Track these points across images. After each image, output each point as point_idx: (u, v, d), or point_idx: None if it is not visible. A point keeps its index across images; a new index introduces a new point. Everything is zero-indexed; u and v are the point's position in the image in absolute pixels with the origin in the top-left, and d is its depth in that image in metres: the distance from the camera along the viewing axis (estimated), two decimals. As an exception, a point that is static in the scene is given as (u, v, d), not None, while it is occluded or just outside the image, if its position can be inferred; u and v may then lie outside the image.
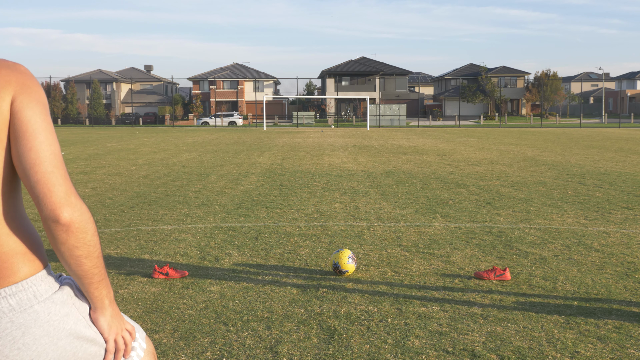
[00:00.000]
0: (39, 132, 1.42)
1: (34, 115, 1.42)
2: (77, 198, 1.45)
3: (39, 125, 1.42)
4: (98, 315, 1.58)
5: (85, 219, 1.45)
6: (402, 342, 3.99)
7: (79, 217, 1.43)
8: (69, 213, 1.41)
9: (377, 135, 36.60)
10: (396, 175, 13.87)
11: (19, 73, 1.48)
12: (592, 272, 5.65)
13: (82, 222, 1.44)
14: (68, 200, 1.41)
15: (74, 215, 1.42)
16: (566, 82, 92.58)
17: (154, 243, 6.88)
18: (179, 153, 21.63)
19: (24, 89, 1.45)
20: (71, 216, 1.42)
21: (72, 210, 1.42)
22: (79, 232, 1.44)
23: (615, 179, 12.98)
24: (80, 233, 1.44)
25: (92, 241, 1.48)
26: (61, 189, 1.41)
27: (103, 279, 1.55)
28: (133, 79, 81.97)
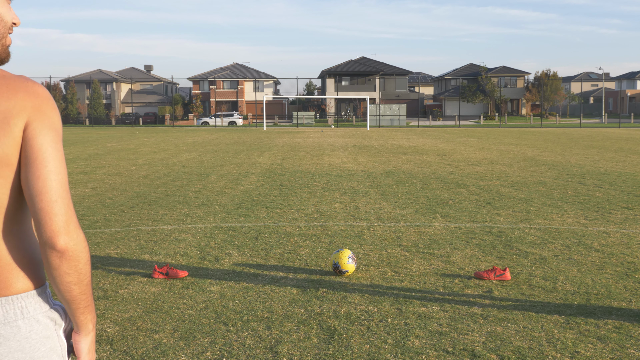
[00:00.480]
0: (48, 161, 1.45)
1: (45, 143, 1.45)
2: (76, 227, 1.49)
3: (49, 154, 1.45)
4: (81, 338, 1.61)
5: (79, 249, 1.49)
6: (402, 342, 3.99)
7: (73, 246, 1.47)
8: (64, 241, 1.45)
9: (377, 135, 36.60)
10: (396, 175, 13.87)
11: (36, 97, 1.48)
12: (592, 272, 5.65)
13: (76, 250, 1.48)
14: (66, 229, 1.46)
15: (70, 243, 1.46)
16: (566, 82, 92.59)
17: (154, 243, 6.88)
18: (179, 153, 21.63)
19: (39, 114, 1.47)
20: (67, 244, 1.46)
21: (68, 239, 1.46)
22: (72, 260, 1.48)
23: (615, 179, 12.98)
24: (73, 261, 1.48)
25: (84, 269, 1.51)
26: (62, 218, 1.45)
27: (89, 305, 1.58)
28: (133, 79, 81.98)
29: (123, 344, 4.00)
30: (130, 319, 4.47)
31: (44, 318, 1.53)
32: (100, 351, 3.88)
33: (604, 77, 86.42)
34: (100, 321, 4.39)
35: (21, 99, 1.46)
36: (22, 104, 1.45)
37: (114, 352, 3.87)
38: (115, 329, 4.25)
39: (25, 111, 1.45)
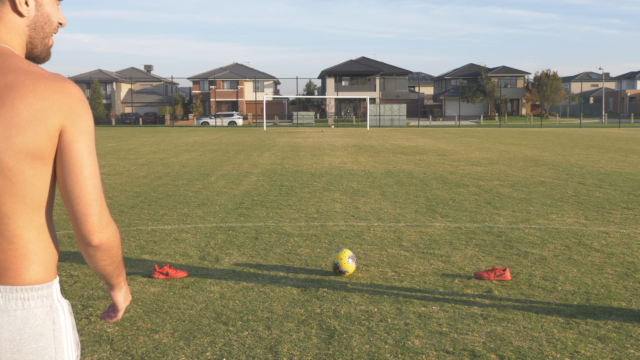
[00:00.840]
0: (85, 167, 1.54)
1: (81, 150, 1.54)
2: (108, 223, 1.60)
3: (85, 160, 1.54)
4: (115, 293, 1.80)
5: (111, 240, 1.61)
6: (402, 342, 3.99)
7: (107, 240, 1.59)
8: (99, 238, 1.57)
9: (377, 135, 36.60)
10: (396, 175, 13.87)
11: (72, 99, 1.54)
12: (592, 272, 5.65)
13: (109, 242, 1.61)
14: (100, 227, 1.57)
15: (103, 238, 1.58)
16: (566, 82, 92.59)
17: (154, 243, 6.88)
18: (179, 153, 21.63)
19: (75, 118, 1.54)
20: (101, 240, 1.58)
21: (102, 235, 1.58)
22: (106, 250, 1.61)
23: (615, 179, 12.98)
24: (107, 250, 1.62)
25: (116, 254, 1.66)
26: (96, 218, 1.56)
27: (120, 273, 1.75)
28: (133, 79, 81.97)
29: (123, 344, 4.00)
30: (130, 319, 4.47)
31: (43, 314, 1.55)
32: (100, 351, 3.88)
33: (604, 77, 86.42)
34: (100, 321, 4.39)
35: (58, 100, 1.50)
36: (58, 105, 1.50)
37: (114, 352, 3.87)
38: (115, 329, 4.25)
39: (62, 113, 1.51)
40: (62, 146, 1.51)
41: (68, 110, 1.51)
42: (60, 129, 1.50)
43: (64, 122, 1.50)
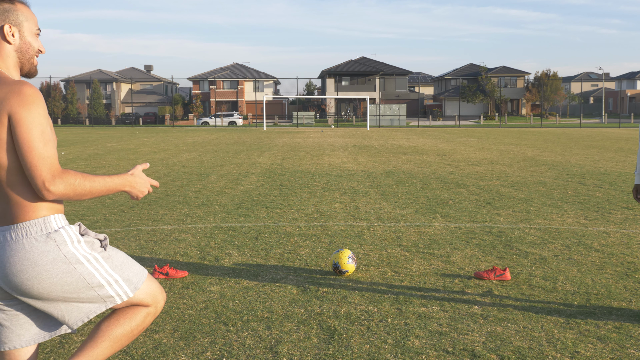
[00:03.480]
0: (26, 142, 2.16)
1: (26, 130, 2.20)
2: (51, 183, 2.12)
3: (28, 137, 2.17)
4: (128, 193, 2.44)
5: (62, 192, 2.15)
6: (402, 342, 3.99)
7: (58, 194, 2.16)
8: (48, 195, 2.15)
9: (377, 135, 36.60)
10: (396, 175, 13.87)
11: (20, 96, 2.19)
12: (592, 272, 5.65)
13: (61, 194, 2.16)
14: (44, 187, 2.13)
15: (55, 193, 2.15)
16: (566, 82, 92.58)
17: (154, 243, 6.88)
18: (179, 153, 21.63)
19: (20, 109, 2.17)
20: (52, 195, 2.15)
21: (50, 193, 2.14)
22: (65, 196, 2.17)
23: (615, 179, 12.98)
24: (66, 196, 2.17)
25: (81, 193, 2.19)
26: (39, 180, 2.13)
27: (108, 188, 2.30)
28: (133, 79, 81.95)
29: (123, 344, 3.99)
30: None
31: (44, 238, 2.19)
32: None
33: (604, 77, 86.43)
34: (100, 321, 4.39)
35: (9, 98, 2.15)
36: (8, 101, 2.15)
37: (114, 352, 3.87)
38: (115, 329, 4.24)
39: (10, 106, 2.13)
40: (12, 130, 2.10)
41: (14, 104, 2.10)
42: (9, 117, 2.10)
43: (10, 112, 2.10)
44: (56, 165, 2.15)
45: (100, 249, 2.34)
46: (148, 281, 2.47)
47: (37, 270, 2.16)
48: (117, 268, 2.35)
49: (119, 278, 2.34)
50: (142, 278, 2.41)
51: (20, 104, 2.10)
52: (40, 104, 2.14)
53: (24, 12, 2.29)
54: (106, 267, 2.32)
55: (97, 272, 2.28)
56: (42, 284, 2.17)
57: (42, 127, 2.12)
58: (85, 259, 2.26)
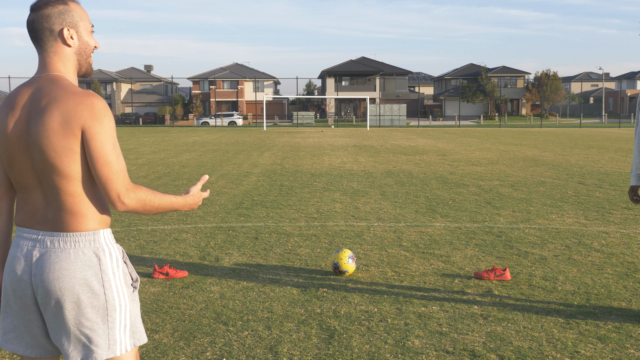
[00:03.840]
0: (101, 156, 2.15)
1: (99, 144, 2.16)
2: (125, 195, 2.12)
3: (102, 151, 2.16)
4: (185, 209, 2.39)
5: (134, 206, 2.15)
6: (402, 342, 3.99)
7: (130, 207, 2.15)
8: (121, 207, 2.14)
9: (377, 135, 36.60)
10: (396, 175, 13.87)
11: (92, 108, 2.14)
12: (592, 272, 5.65)
13: (133, 207, 2.15)
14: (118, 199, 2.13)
15: (129, 206, 2.15)
16: (566, 82, 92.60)
17: (154, 243, 6.89)
18: (179, 153, 21.63)
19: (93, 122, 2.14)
20: (124, 208, 2.14)
21: (123, 205, 2.14)
22: (135, 211, 2.17)
23: (615, 179, 12.98)
24: (136, 210, 2.17)
25: (150, 209, 2.19)
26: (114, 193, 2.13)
27: (171, 207, 2.29)
28: (133, 79, 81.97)
29: (123, 344, 3.99)
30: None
31: (90, 253, 2.16)
32: None
33: (604, 77, 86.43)
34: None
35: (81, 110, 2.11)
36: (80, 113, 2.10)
37: (114, 352, 3.87)
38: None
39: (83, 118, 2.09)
40: (85, 143, 2.08)
41: (87, 117, 2.08)
42: (82, 131, 2.08)
43: (83, 125, 2.08)
44: (128, 178, 2.15)
45: (130, 288, 2.27)
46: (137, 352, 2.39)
47: (72, 283, 2.13)
48: (133, 316, 2.27)
49: (129, 325, 2.25)
50: (141, 341, 2.32)
51: (93, 118, 2.08)
52: (110, 117, 2.13)
53: (78, 11, 2.23)
54: (128, 308, 2.24)
55: (119, 307, 2.21)
56: (71, 298, 2.14)
57: (113, 140, 2.13)
58: (117, 289, 2.21)
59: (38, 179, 2.15)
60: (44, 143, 2.08)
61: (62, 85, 2.13)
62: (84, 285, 2.14)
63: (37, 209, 2.18)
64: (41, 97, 2.12)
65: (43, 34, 2.17)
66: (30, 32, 2.20)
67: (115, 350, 2.21)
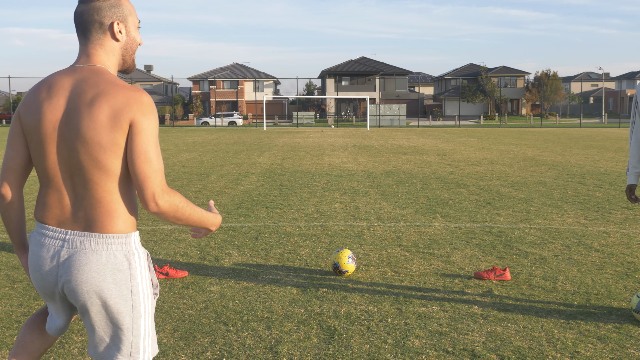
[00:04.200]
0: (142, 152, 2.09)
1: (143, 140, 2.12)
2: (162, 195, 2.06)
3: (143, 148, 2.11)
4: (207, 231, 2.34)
5: (167, 208, 2.08)
6: (402, 342, 3.99)
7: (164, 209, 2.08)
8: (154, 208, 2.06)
9: (377, 135, 36.60)
10: (396, 175, 13.87)
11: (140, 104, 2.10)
12: (592, 272, 5.65)
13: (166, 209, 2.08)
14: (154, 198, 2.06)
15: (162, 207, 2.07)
16: (566, 82, 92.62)
17: (154, 243, 6.89)
18: (179, 153, 21.63)
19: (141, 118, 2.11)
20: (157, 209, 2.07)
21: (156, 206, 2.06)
22: (165, 215, 2.09)
23: (615, 179, 12.98)
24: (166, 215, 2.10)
25: (181, 217, 2.13)
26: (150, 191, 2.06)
27: (201, 222, 2.22)
28: (133, 79, 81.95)
29: (123, 344, 3.99)
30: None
31: (121, 256, 2.10)
32: None
33: (604, 77, 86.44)
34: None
35: (130, 105, 2.06)
36: (130, 108, 2.06)
37: (114, 352, 3.87)
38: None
39: (132, 113, 2.06)
40: (130, 137, 2.03)
41: (137, 112, 2.03)
42: (130, 125, 2.03)
43: (132, 119, 2.02)
44: (165, 180, 2.09)
45: (152, 294, 2.23)
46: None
47: (101, 286, 2.08)
48: (151, 324, 2.23)
49: (151, 334, 2.22)
50: (156, 352, 2.27)
51: (142, 113, 2.04)
52: (156, 115, 2.09)
53: (128, 5, 2.19)
54: (150, 316, 2.20)
55: (144, 315, 2.17)
56: (99, 301, 2.09)
57: (156, 138, 2.08)
58: (144, 295, 2.17)
59: (70, 174, 2.07)
60: (89, 135, 2.01)
61: (109, 78, 2.08)
62: (114, 290, 2.09)
63: (64, 205, 2.11)
64: (87, 88, 2.05)
65: (92, 26, 2.12)
66: (78, 23, 2.14)
67: (138, 358, 2.17)
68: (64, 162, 2.07)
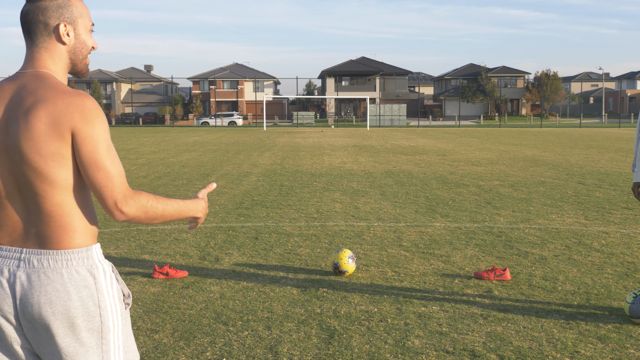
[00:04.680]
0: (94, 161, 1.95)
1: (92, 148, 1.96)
2: (124, 204, 1.93)
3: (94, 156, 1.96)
4: (195, 220, 2.21)
5: (134, 215, 1.95)
6: (402, 342, 3.99)
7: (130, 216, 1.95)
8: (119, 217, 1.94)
9: (377, 135, 36.60)
10: (396, 175, 13.87)
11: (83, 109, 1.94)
12: (592, 272, 5.65)
13: (133, 216, 1.95)
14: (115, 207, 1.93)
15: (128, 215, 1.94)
16: (566, 82, 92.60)
17: (154, 243, 6.88)
18: (179, 153, 21.63)
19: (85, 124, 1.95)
20: (123, 217, 1.94)
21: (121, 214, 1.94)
22: (135, 220, 1.97)
23: (615, 179, 12.98)
24: (136, 220, 1.97)
25: (152, 217, 2.00)
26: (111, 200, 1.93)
27: (180, 213, 2.09)
28: (133, 79, 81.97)
29: (123, 344, 3.99)
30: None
31: (84, 271, 1.95)
32: None
33: (604, 77, 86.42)
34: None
35: (71, 111, 1.90)
36: (71, 115, 1.90)
37: (114, 352, 3.87)
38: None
39: (73, 120, 1.90)
40: (75, 147, 1.89)
41: (78, 119, 1.89)
42: (72, 134, 1.89)
43: (73, 128, 1.88)
44: (126, 184, 1.95)
45: (123, 305, 2.09)
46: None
47: (67, 306, 1.92)
48: (124, 335, 2.09)
49: (121, 347, 2.07)
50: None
51: (84, 120, 1.89)
52: (103, 119, 1.94)
53: (79, 6, 2.02)
54: (119, 328, 2.06)
55: (113, 329, 2.03)
56: (66, 322, 1.93)
57: (107, 143, 1.93)
58: (112, 309, 2.02)
59: (18, 187, 1.93)
60: (27, 146, 1.87)
61: (50, 83, 1.94)
62: (80, 308, 1.94)
63: (15, 222, 1.95)
64: (26, 95, 1.92)
65: (37, 27, 1.97)
66: (23, 23, 1.99)
67: None
68: (10, 175, 1.93)
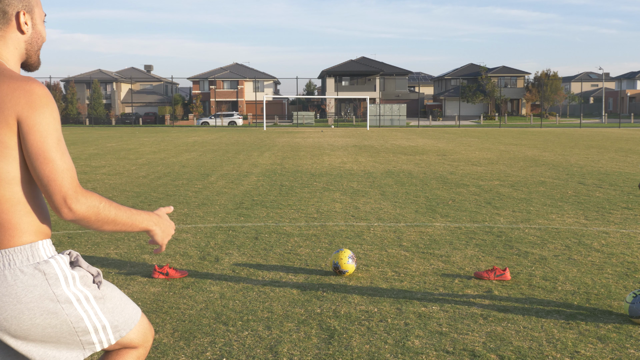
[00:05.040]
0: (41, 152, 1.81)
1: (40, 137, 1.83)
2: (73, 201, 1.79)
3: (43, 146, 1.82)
4: (152, 235, 2.07)
5: (83, 214, 1.82)
6: (402, 342, 3.99)
7: (80, 216, 1.82)
8: (67, 215, 1.81)
9: (377, 135, 36.60)
10: (396, 175, 13.87)
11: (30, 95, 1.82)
12: (592, 272, 5.65)
13: (83, 216, 1.83)
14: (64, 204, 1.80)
15: (77, 214, 1.81)
16: (566, 82, 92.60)
17: (154, 243, 6.88)
18: (179, 153, 21.63)
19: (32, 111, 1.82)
20: (71, 216, 1.81)
21: (70, 213, 1.80)
22: (84, 221, 1.84)
23: (615, 179, 12.98)
24: (86, 221, 1.84)
25: (104, 220, 1.86)
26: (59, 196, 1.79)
27: (132, 222, 1.95)
28: (133, 79, 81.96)
29: (123, 344, 3.99)
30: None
31: (31, 270, 1.82)
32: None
33: (604, 77, 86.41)
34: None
35: (16, 97, 1.78)
36: (16, 101, 1.78)
37: (114, 352, 3.87)
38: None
39: (19, 107, 1.78)
40: (22, 136, 1.77)
41: (25, 106, 1.76)
42: (18, 120, 1.76)
43: (19, 115, 1.75)
44: (77, 180, 1.83)
45: (94, 286, 1.98)
46: (139, 321, 2.16)
47: (18, 309, 1.80)
48: (109, 312, 1.99)
49: (107, 324, 1.99)
50: (133, 324, 2.08)
51: (32, 107, 1.76)
52: (53, 107, 1.82)
53: None
54: (97, 309, 1.96)
55: (86, 315, 1.92)
56: (22, 325, 1.82)
57: (57, 134, 1.80)
58: (76, 298, 1.90)
59: None
60: None
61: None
62: (35, 308, 1.82)
63: None
64: None
65: None
66: None
67: (96, 348, 1.99)
68: None
